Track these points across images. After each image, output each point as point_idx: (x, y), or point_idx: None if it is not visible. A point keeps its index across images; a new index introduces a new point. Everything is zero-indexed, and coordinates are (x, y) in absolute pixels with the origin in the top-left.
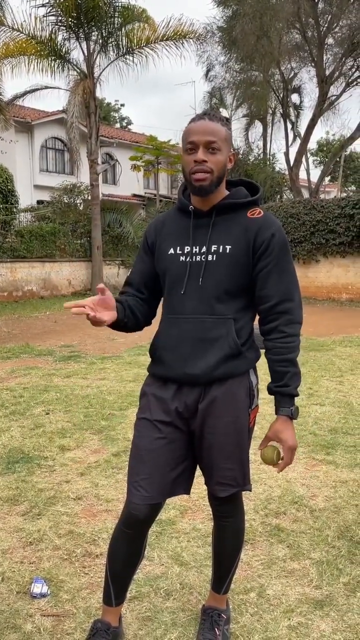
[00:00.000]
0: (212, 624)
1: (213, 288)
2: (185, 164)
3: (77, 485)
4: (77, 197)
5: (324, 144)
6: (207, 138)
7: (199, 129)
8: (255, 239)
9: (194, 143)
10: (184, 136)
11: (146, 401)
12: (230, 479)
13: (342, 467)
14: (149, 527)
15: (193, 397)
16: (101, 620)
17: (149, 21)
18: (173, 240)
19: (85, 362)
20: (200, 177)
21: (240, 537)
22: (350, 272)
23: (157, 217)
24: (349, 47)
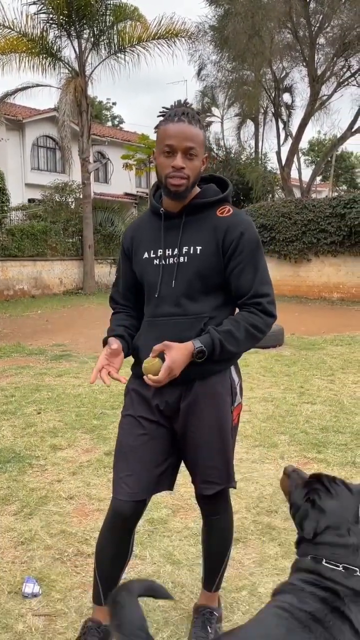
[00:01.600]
0: (204, 623)
1: (185, 289)
2: (161, 166)
3: (69, 485)
4: (69, 196)
5: (315, 144)
6: (187, 144)
7: (178, 132)
8: (224, 238)
9: (172, 147)
10: (160, 136)
11: (130, 399)
12: (215, 477)
13: (333, 465)
14: (135, 524)
15: (174, 396)
16: (92, 619)
17: (141, 19)
18: (147, 245)
19: (77, 361)
20: (177, 183)
21: (229, 535)
22: (342, 271)
23: (132, 223)
24: (340, 47)
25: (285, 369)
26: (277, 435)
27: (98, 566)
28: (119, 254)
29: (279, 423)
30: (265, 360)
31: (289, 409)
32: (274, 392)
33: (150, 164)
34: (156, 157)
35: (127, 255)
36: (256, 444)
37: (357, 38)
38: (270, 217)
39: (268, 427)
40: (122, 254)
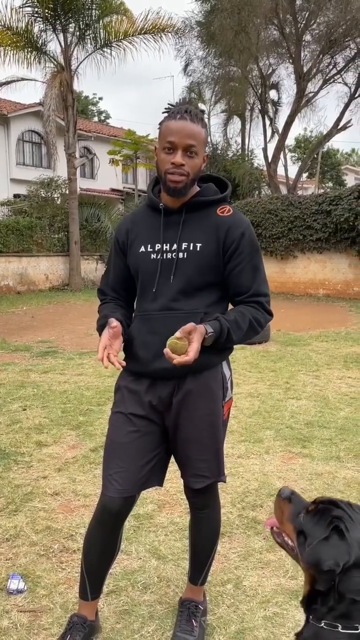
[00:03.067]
0: (189, 616)
1: (183, 285)
2: (162, 162)
3: (55, 481)
4: (55, 191)
5: (301, 141)
6: (188, 142)
7: (180, 130)
8: (225, 238)
9: (173, 144)
10: (162, 132)
11: (120, 395)
12: (205, 470)
13: (317, 459)
14: (124, 521)
15: (167, 390)
16: (77, 615)
17: (127, 14)
18: (144, 239)
19: (63, 357)
20: (176, 180)
21: (216, 529)
22: (327, 268)
23: (126, 217)
24: (326, 45)
25: (271, 365)
26: (263, 431)
27: (85, 561)
28: (110, 247)
29: (264, 418)
30: (251, 356)
31: (275, 404)
32: (260, 387)
33: (136, 160)
34: (157, 153)
35: (121, 248)
36: (242, 439)
37: (342, 35)
38: (257, 213)
39: (254, 423)
40: (115, 247)
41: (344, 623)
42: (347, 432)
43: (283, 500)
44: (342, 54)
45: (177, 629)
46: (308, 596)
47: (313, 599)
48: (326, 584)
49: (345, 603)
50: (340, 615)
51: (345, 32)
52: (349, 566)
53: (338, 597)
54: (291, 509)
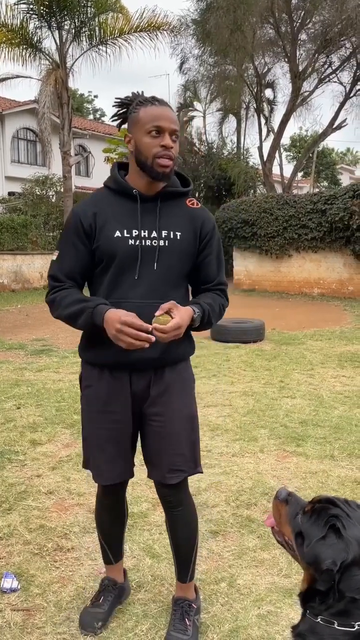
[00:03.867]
0: (182, 615)
1: (166, 273)
2: (148, 146)
3: (49, 480)
4: (50, 189)
5: (297, 140)
6: (173, 126)
7: (166, 115)
8: (201, 229)
9: (161, 128)
10: (144, 118)
11: (94, 391)
12: (181, 464)
13: (312, 458)
14: (125, 490)
15: (143, 383)
16: (108, 578)
17: (123, 11)
18: (117, 223)
19: (58, 356)
20: (166, 164)
21: (195, 524)
22: (322, 267)
23: (86, 201)
24: (321, 44)
25: (266, 364)
26: (257, 429)
27: (101, 533)
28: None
29: (259, 417)
30: (246, 355)
31: (269, 403)
32: (255, 386)
33: None
34: (138, 140)
35: (86, 232)
36: (236, 438)
37: (338, 35)
38: (252, 212)
39: (248, 421)
40: (77, 231)
41: (341, 620)
42: (341, 431)
43: (280, 502)
44: (338, 53)
45: (171, 628)
46: (305, 593)
47: (311, 597)
48: (326, 584)
49: (344, 601)
50: (338, 612)
51: (340, 31)
52: (348, 564)
53: (338, 596)
54: (289, 510)
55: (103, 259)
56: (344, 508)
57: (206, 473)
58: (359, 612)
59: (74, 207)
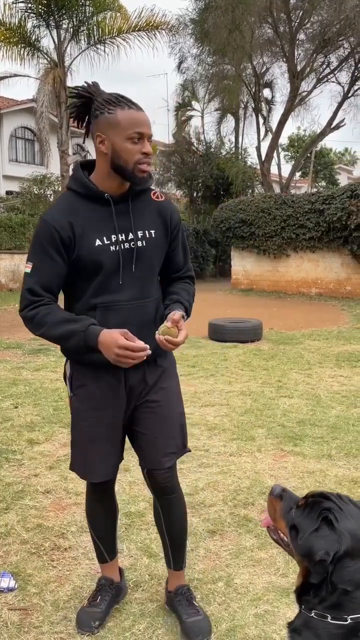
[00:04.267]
0: (188, 601)
1: (146, 272)
2: (129, 152)
3: (46, 479)
4: (48, 188)
5: (295, 139)
6: (151, 132)
7: (145, 120)
8: (170, 221)
9: (142, 134)
10: (125, 122)
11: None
12: (173, 447)
13: (309, 458)
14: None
15: (138, 376)
16: (105, 577)
17: (121, 10)
18: (95, 232)
19: (55, 355)
20: (147, 169)
21: (185, 508)
22: (320, 266)
23: (58, 209)
24: (319, 44)
25: (264, 363)
26: (255, 429)
27: (94, 531)
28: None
29: (256, 416)
30: (243, 355)
31: (267, 402)
32: (252, 386)
33: None
34: (117, 144)
35: (65, 244)
36: (234, 437)
37: (336, 35)
38: (250, 212)
39: (246, 421)
40: (54, 243)
41: (334, 614)
42: (339, 431)
43: (275, 497)
44: (336, 53)
45: (184, 616)
46: (301, 587)
47: (305, 591)
48: (319, 576)
49: (337, 593)
50: (331, 605)
51: (339, 31)
52: (341, 556)
53: (330, 588)
54: (283, 505)
55: (84, 268)
56: (336, 501)
57: (203, 472)
58: (351, 605)
59: (44, 216)
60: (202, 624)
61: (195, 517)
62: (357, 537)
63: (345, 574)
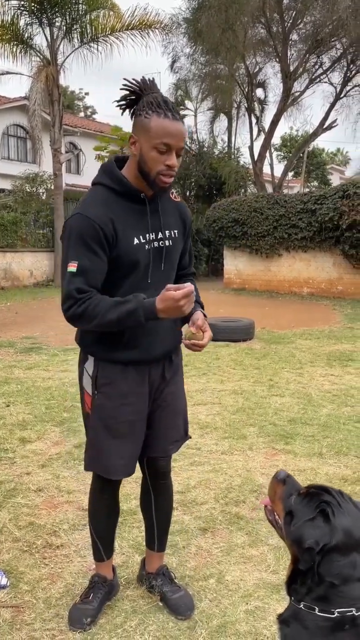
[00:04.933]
0: (170, 579)
1: (170, 270)
2: (153, 161)
3: (38, 477)
4: (40, 187)
5: (288, 139)
6: (181, 144)
7: (176, 132)
8: (186, 221)
9: (169, 146)
10: (155, 130)
11: (116, 387)
12: (178, 436)
13: (300, 456)
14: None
15: (159, 371)
16: (98, 575)
17: (115, 9)
18: (133, 229)
19: (47, 353)
20: (168, 181)
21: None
22: (312, 266)
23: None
24: (312, 44)
25: (255, 362)
26: (247, 427)
27: (97, 530)
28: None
29: (248, 415)
30: (235, 354)
31: (259, 401)
32: (244, 384)
33: None
34: (144, 150)
35: (108, 241)
36: (225, 436)
37: (329, 35)
38: (242, 211)
39: (237, 419)
40: (96, 239)
41: (322, 606)
42: (330, 429)
43: (278, 481)
44: (328, 53)
45: (169, 594)
46: (290, 575)
47: (294, 579)
48: (306, 564)
49: (324, 586)
50: (319, 597)
51: (331, 32)
52: (330, 549)
53: (318, 580)
54: (284, 490)
55: (122, 266)
56: (336, 497)
57: (195, 470)
58: (338, 598)
59: (81, 211)
60: (187, 599)
61: (187, 515)
62: (350, 534)
63: (333, 567)
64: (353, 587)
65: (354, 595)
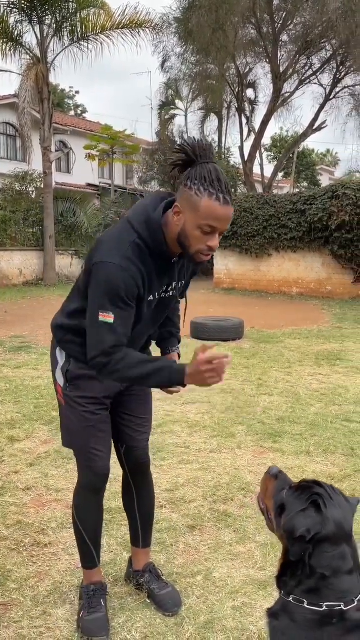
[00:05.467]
0: (157, 576)
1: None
2: (196, 240)
3: (27, 476)
4: (30, 185)
5: (278, 140)
6: (226, 228)
7: (225, 217)
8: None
9: (215, 229)
10: (206, 213)
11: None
12: (149, 427)
13: (288, 454)
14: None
15: None
16: (93, 583)
17: (105, 8)
18: (154, 286)
19: (37, 353)
20: (207, 259)
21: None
22: (301, 266)
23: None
24: (302, 45)
25: (245, 362)
26: (235, 426)
27: (85, 531)
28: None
29: (237, 414)
30: None
31: (247, 400)
32: (233, 384)
33: (113, 155)
34: (188, 225)
35: (139, 294)
36: (214, 434)
37: (318, 37)
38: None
39: (226, 418)
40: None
41: (310, 599)
42: (317, 428)
43: (270, 476)
44: (318, 55)
45: (157, 590)
46: (281, 568)
47: (285, 572)
48: (297, 554)
49: (315, 578)
50: (308, 590)
51: (321, 33)
52: (321, 539)
53: (309, 572)
54: (276, 485)
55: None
56: (328, 490)
57: (184, 469)
58: (327, 591)
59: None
60: (174, 595)
61: (175, 513)
62: (340, 526)
63: (324, 558)
64: (342, 580)
65: (343, 588)
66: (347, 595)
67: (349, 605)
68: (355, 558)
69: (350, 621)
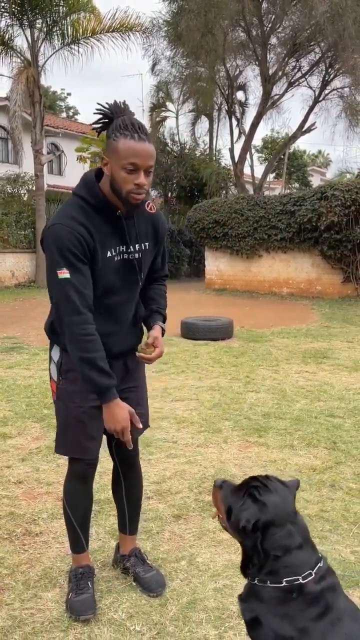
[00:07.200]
0: (142, 560)
1: (136, 279)
2: (123, 181)
3: (18, 470)
4: (21, 187)
5: (268, 141)
6: (149, 163)
7: (142, 152)
8: (158, 233)
9: (136, 165)
10: (122, 151)
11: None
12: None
13: (272, 448)
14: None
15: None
16: (81, 566)
17: (95, 11)
18: (107, 244)
19: (29, 353)
20: (139, 198)
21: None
22: (291, 267)
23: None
24: (291, 48)
25: (233, 360)
26: (222, 422)
27: (75, 517)
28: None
29: (224, 410)
30: (214, 352)
31: (235, 397)
32: (221, 381)
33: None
34: (114, 170)
35: (91, 253)
36: (201, 430)
37: (307, 40)
38: (223, 213)
39: (213, 414)
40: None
41: (272, 579)
42: (302, 423)
43: (216, 488)
44: (307, 57)
45: (142, 573)
46: (243, 563)
47: (247, 564)
48: (249, 545)
49: (270, 560)
50: (269, 572)
51: (309, 36)
52: (265, 525)
53: (264, 555)
54: (222, 493)
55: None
56: (262, 480)
57: (171, 462)
58: (284, 569)
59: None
60: (159, 577)
61: (162, 503)
62: (279, 507)
63: (273, 540)
64: (294, 555)
65: (297, 563)
66: (303, 569)
67: (307, 578)
68: (302, 532)
69: (310, 594)
